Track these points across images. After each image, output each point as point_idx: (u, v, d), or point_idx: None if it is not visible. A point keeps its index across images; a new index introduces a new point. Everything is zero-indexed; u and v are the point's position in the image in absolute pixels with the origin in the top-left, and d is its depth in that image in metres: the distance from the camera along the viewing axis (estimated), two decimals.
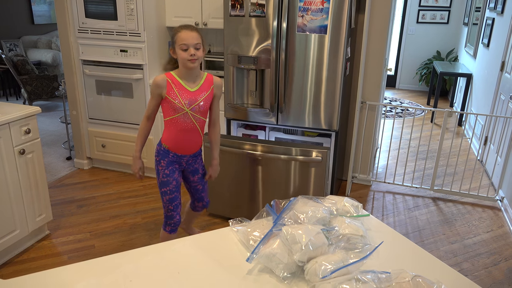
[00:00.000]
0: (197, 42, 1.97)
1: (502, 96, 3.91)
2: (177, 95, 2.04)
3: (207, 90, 2.13)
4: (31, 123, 2.56)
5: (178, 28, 2.02)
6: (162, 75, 2.07)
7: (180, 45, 1.97)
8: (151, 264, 1.18)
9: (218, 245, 1.27)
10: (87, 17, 3.41)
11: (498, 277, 2.54)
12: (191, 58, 1.96)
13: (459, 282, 1.13)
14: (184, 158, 2.22)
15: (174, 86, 2.05)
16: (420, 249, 1.28)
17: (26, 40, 7.21)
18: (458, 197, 3.54)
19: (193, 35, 1.97)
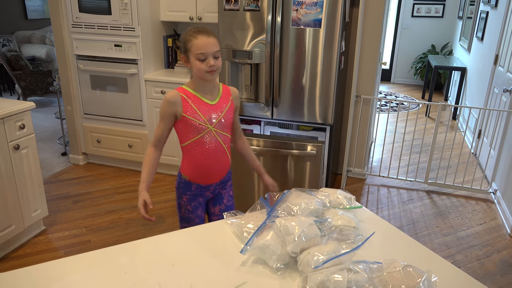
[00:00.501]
0: (216, 50, 1.64)
1: (495, 89, 3.93)
2: (196, 111, 1.69)
3: (227, 102, 1.79)
4: (25, 119, 2.56)
5: (192, 33, 1.65)
6: (174, 91, 1.72)
7: (196, 55, 1.62)
8: (146, 256, 1.19)
9: (213, 238, 1.28)
10: (80, 12, 3.40)
11: (490, 268, 2.58)
12: (210, 70, 1.63)
13: (451, 273, 1.15)
14: (210, 188, 1.83)
15: (191, 101, 1.70)
16: (413, 241, 1.30)
17: (19, 35, 7.16)
18: (452, 190, 3.57)
19: (211, 42, 1.63)
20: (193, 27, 1.68)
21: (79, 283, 1.08)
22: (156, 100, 3.49)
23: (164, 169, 3.78)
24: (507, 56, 3.67)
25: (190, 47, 1.64)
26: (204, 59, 1.62)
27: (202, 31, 1.64)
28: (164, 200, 3.30)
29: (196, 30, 1.65)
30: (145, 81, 3.47)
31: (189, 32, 1.67)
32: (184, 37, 1.67)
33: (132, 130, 3.64)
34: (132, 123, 3.62)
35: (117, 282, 1.09)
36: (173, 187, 3.50)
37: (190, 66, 1.68)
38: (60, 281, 1.09)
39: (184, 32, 1.69)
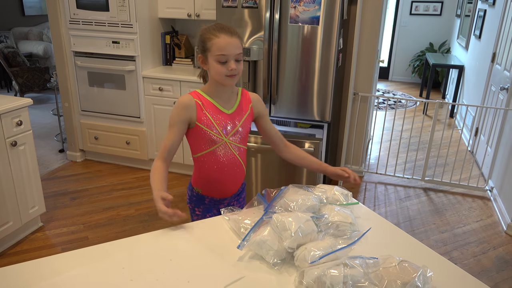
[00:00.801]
0: (239, 52, 1.45)
1: (492, 87, 3.95)
2: (211, 121, 1.52)
3: (245, 110, 1.60)
4: (22, 115, 2.55)
5: (213, 30, 1.46)
6: (187, 95, 1.53)
7: (216, 56, 1.44)
8: (143, 252, 1.20)
9: (210, 233, 1.29)
10: (78, 8, 3.39)
11: (486, 265, 2.59)
12: (231, 74, 1.46)
13: (448, 269, 1.16)
14: (224, 201, 1.71)
15: (206, 108, 1.52)
16: (409, 237, 1.31)
17: (16, 31, 7.13)
18: (449, 188, 3.58)
19: (234, 43, 1.44)
20: (214, 24, 1.49)
21: (76, 278, 1.08)
22: (153, 97, 3.49)
23: None
24: (504, 54, 3.68)
25: (210, 46, 1.45)
26: (225, 61, 1.44)
27: (224, 29, 1.45)
28: None
29: (218, 28, 1.46)
30: (142, 78, 3.47)
31: (209, 29, 1.47)
32: (204, 35, 1.47)
33: (130, 127, 3.64)
34: (129, 120, 3.62)
35: (115, 277, 1.09)
36: (170, 184, 3.51)
37: (208, 68, 1.50)
38: (56, 276, 1.09)
39: (203, 28, 1.50)
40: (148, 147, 3.66)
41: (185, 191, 3.39)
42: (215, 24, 1.48)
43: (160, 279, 1.08)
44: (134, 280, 1.08)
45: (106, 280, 1.08)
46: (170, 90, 3.42)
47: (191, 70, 3.60)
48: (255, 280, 1.08)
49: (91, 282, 1.07)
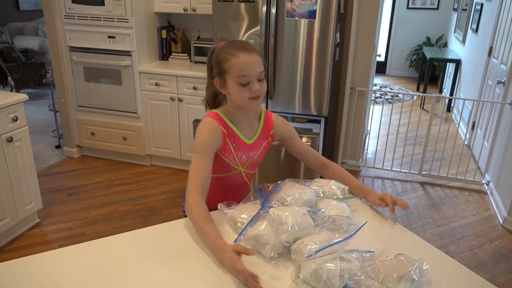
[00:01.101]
0: (260, 71, 1.32)
1: (489, 81, 3.95)
2: (231, 151, 1.41)
3: (266, 137, 1.50)
4: (18, 111, 2.54)
5: (230, 50, 1.31)
6: (211, 119, 1.37)
7: (237, 78, 1.30)
8: (141, 247, 1.19)
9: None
10: (73, 3, 3.36)
11: (483, 258, 2.61)
12: (254, 96, 1.32)
13: (444, 263, 1.16)
14: None
15: (229, 138, 1.40)
16: (406, 230, 1.31)
17: (11, 26, 7.07)
18: (446, 182, 3.60)
19: (255, 61, 1.30)
20: (229, 42, 1.35)
21: (73, 273, 1.08)
22: (150, 93, 3.48)
23: (159, 162, 3.77)
24: (501, 47, 3.68)
25: (228, 68, 1.30)
26: (247, 83, 1.30)
27: (242, 47, 1.31)
28: (159, 193, 3.30)
29: (235, 46, 1.31)
30: (139, 73, 3.45)
31: (225, 49, 1.33)
32: (219, 56, 1.33)
33: (127, 123, 3.63)
34: (126, 115, 3.61)
35: (112, 272, 1.09)
36: (168, 180, 3.51)
37: (227, 92, 1.36)
38: (54, 272, 1.09)
39: (216, 48, 1.36)
40: (145, 143, 3.66)
41: (182, 186, 3.39)
42: (230, 42, 1.34)
43: (158, 274, 1.08)
44: (131, 275, 1.08)
45: (104, 275, 1.08)
46: (167, 85, 3.40)
47: (187, 65, 3.59)
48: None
49: (89, 278, 1.07)
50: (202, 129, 1.36)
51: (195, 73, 3.30)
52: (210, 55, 1.40)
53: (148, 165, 3.78)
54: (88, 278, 1.07)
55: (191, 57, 3.68)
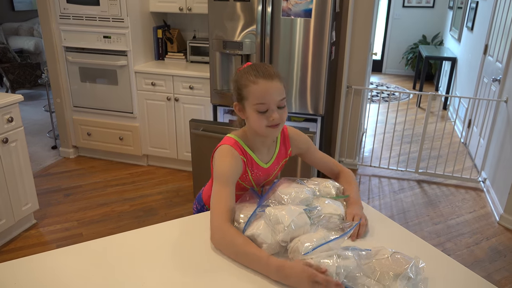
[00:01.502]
0: (281, 98, 1.27)
1: (485, 79, 3.96)
2: (248, 176, 1.38)
3: (284, 157, 1.48)
4: (13, 112, 2.52)
5: (249, 76, 1.26)
6: (230, 148, 1.31)
7: (255, 106, 1.25)
8: (139, 247, 1.19)
9: (205, 228, 1.29)
10: (68, 3, 3.34)
11: (479, 255, 2.62)
12: (273, 124, 1.27)
13: (440, 260, 1.16)
14: None
15: (249, 166, 1.37)
16: (402, 229, 1.31)
17: (6, 27, 7.04)
18: (442, 179, 3.61)
19: (275, 88, 1.25)
20: (251, 66, 1.29)
21: (70, 274, 1.08)
22: (146, 92, 3.47)
23: (155, 162, 3.76)
24: (496, 45, 3.69)
25: (247, 94, 1.26)
26: (266, 110, 1.25)
27: (263, 72, 1.25)
28: (156, 193, 3.29)
29: (255, 72, 1.25)
30: (135, 73, 3.44)
31: (245, 73, 1.28)
32: (239, 81, 1.29)
33: (123, 123, 3.62)
34: (122, 115, 3.60)
35: (110, 273, 1.09)
36: (165, 180, 3.50)
37: (246, 117, 1.32)
38: (51, 273, 1.08)
39: (238, 72, 1.32)
40: (141, 143, 3.65)
41: (179, 186, 3.39)
42: (251, 66, 1.28)
43: (156, 274, 1.08)
44: (129, 275, 1.08)
45: (101, 276, 1.07)
46: (163, 85, 3.40)
47: (183, 65, 3.58)
48: (249, 274, 1.08)
49: (86, 278, 1.07)
50: (223, 158, 1.29)
51: (191, 73, 3.29)
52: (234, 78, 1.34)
53: (145, 165, 3.77)
54: (85, 279, 1.06)
55: (187, 57, 3.68)
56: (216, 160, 1.31)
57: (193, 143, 2.89)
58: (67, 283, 1.05)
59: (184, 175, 3.59)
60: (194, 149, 2.92)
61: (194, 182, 3.05)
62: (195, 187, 3.07)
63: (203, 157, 2.90)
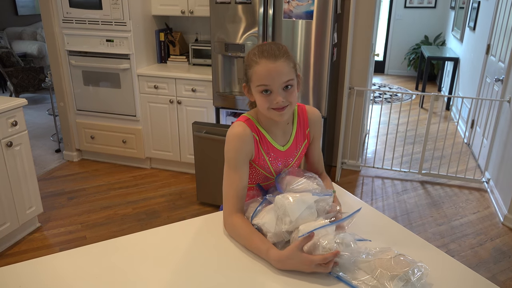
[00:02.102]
0: (287, 80, 1.20)
1: (487, 79, 3.95)
2: (266, 160, 1.30)
3: (303, 139, 1.37)
4: (17, 115, 2.54)
5: (253, 56, 1.21)
6: (242, 124, 1.27)
7: (258, 87, 1.21)
8: (142, 250, 1.20)
9: (207, 231, 1.29)
10: (71, 7, 3.37)
11: (484, 256, 2.61)
12: (277, 107, 1.21)
13: (444, 262, 1.16)
14: None
15: (262, 145, 1.29)
16: (406, 230, 1.31)
17: (10, 31, 7.08)
18: (446, 180, 3.60)
19: (279, 69, 1.18)
20: (257, 45, 1.23)
21: (73, 277, 1.09)
22: (149, 95, 3.48)
23: (158, 164, 3.77)
24: (498, 45, 3.69)
25: (251, 75, 1.21)
26: (269, 92, 1.20)
27: (267, 52, 1.18)
28: (159, 195, 3.30)
29: (260, 51, 1.19)
30: (137, 76, 3.45)
31: (251, 53, 1.22)
32: (245, 61, 1.25)
33: (126, 126, 3.63)
34: (125, 118, 3.61)
35: (113, 276, 1.09)
36: (168, 182, 3.51)
37: (250, 97, 1.28)
38: (55, 276, 1.09)
39: (248, 52, 1.26)
40: (144, 146, 3.66)
41: (182, 188, 3.40)
42: (259, 46, 1.22)
43: (159, 277, 1.08)
44: (132, 278, 1.08)
45: (104, 279, 1.08)
46: (166, 88, 3.41)
47: (186, 67, 3.59)
48: (253, 276, 1.08)
49: (89, 281, 1.07)
50: (231, 141, 1.24)
51: (193, 75, 3.30)
52: None
53: (148, 168, 3.78)
54: (88, 282, 1.07)
55: (189, 60, 3.69)
56: (226, 142, 1.26)
57: (196, 146, 2.90)
58: (71, 286, 1.06)
59: (187, 178, 3.59)
60: (197, 151, 2.92)
61: (197, 185, 3.06)
62: (198, 190, 3.08)
63: (206, 159, 2.91)
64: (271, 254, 1.10)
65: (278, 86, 1.19)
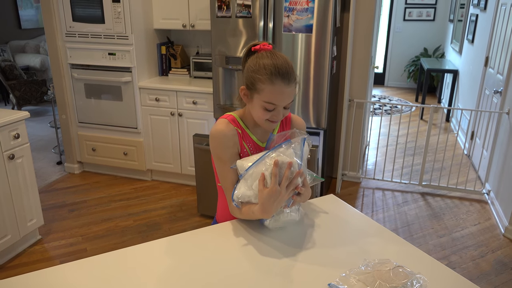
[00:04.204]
0: (290, 101, 1.28)
1: (486, 91, 3.98)
2: (248, 152, 1.37)
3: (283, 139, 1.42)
4: (19, 128, 2.56)
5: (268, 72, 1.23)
6: (225, 121, 1.33)
7: (264, 104, 1.26)
8: (142, 262, 1.20)
9: (208, 243, 1.30)
10: (74, 21, 3.42)
11: (485, 268, 2.60)
12: (273, 120, 1.30)
13: (444, 275, 1.16)
14: None
15: (245, 140, 1.36)
16: (406, 243, 1.32)
17: (13, 45, 7.16)
18: (446, 192, 3.60)
19: (289, 93, 1.25)
20: (271, 59, 1.24)
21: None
22: (150, 108, 3.51)
23: (159, 176, 3.78)
24: (496, 57, 3.72)
25: (260, 90, 1.24)
26: (272, 109, 1.27)
27: (282, 74, 1.22)
28: (160, 207, 3.31)
29: (275, 69, 1.22)
30: (139, 88, 3.49)
31: (264, 67, 1.24)
32: (257, 72, 1.25)
33: (127, 138, 3.65)
34: (127, 131, 3.63)
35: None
36: (169, 194, 3.51)
37: (250, 105, 1.32)
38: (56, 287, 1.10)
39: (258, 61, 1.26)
40: (145, 158, 3.67)
41: (183, 200, 3.40)
42: (273, 61, 1.24)
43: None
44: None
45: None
46: (167, 100, 3.44)
47: (187, 80, 3.63)
48: (255, 273, 1.09)
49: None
50: (217, 135, 1.31)
51: (194, 88, 3.33)
52: (247, 54, 1.32)
53: (149, 180, 3.79)
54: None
55: (190, 72, 3.72)
56: (211, 139, 1.34)
57: (197, 158, 2.92)
58: None
59: (187, 190, 3.60)
60: (197, 163, 2.94)
61: (198, 197, 3.06)
62: (199, 202, 3.08)
63: (206, 171, 2.92)
64: (255, 212, 1.24)
65: (283, 105, 1.27)
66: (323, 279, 1.11)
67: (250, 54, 1.32)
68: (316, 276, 1.13)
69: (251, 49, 1.32)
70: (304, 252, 1.23)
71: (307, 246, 1.26)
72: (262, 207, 1.20)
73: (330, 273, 1.13)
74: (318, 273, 1.14)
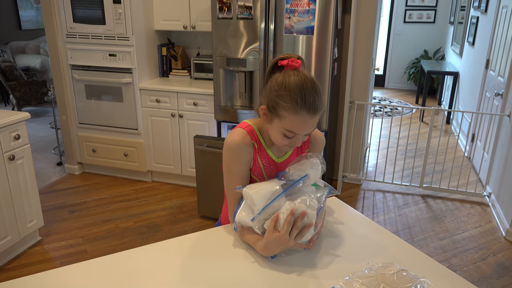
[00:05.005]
0: (312, 130, 1.21)
1: (487, 93, 3.98)
2: (262, 171, 1.32)
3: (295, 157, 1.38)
4: (20, 129, 2.56)
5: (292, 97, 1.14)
6: (242, 132, 1.27)
7: (284, 131, 1.18)
8: (143, 264, 1.20)
9: (208, 245, 1.29)
10: (75, 22, 3.41)
11: (486, 271, 2.59)
12: (291, 146, 1.24)
13: (446, 277, 1.16)
14: None
15: (260, 155, 1.30)
16: (407, 245, 1.31)
17: (13, 45, 7.16)
18: (447, 194, 3.59)
19: (313, 123, 1.18)
20: (299, 88, 1.14)
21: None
22: (151, 109, 3.50)
23: (159, 178, 3.77)
24: (497, 60, 3.72)
25: (283, 116, 1.16)
26: (292, 137, 1.20)
27: (309, 105, 1.14)
28: (160, 209, 3.30)
29: (301, 99, 1.13)
30: (140, 90, 3.48)
31: (290, 94, 1.14)
32: (280, 96, 1.15)
33: (128, 139, 3.64)
34: (127, 132, 3.63)
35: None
36: (169, 196, 3.51)
37: (269, 125, 1.23)
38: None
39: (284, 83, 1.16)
40: (146, 159, 3.67)
41: (183, 202, 3.39)
42: (300, 91, 1.14)
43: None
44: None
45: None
46: (167, 102, 3.43)
47: (187, 81, 3.62)
48: (255, 275, 1.09)
49: None
50: (231, 147, 1.25)
51: (195, 89, 3.33)
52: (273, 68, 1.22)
53: (149, 181, 3.79)
54: None
55: (191, 74, 3.72)
56: (224, 148, 1.28)
57: (198, 159, 2.91)
58: None
59: (188, 191, 3.59)
60: (198, 165, 2.93)
61: (198, 198, 3.06)
62: (199, 203, 3.07)
63: (207, 173, 2.92)
64: (257, 246, 1.20)
65: (304, 134, 1.20)
66: (327, 283, 1.10)
67: (276, 68, 1.22)
68: (319, 280, 1.12)
69: (277, 63, 1.21)
70: (307, 255, 1.23)
71: (310, 249, 1.26)
72: (266, 247, 1.17)
73: (333, 277, 1.12)
74: (321, 276, 1.14)
